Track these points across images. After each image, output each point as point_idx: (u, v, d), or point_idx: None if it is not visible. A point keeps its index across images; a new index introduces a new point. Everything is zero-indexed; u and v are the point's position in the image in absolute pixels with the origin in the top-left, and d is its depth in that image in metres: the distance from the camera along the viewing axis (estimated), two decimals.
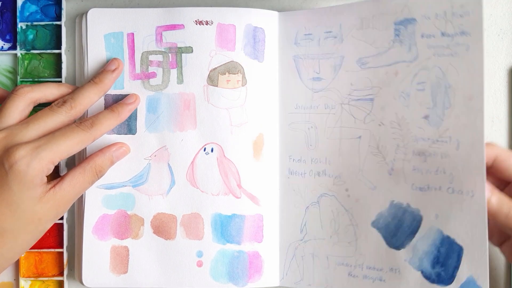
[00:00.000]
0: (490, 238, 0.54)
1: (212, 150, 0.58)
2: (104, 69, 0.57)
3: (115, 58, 0.57)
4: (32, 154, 0.48)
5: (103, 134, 0.54)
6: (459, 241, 0.50)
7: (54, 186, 0.51)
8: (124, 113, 0.56)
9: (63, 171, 0.59)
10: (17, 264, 0.60)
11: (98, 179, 0.54)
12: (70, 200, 0.52)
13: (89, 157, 0.54)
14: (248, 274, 0.58)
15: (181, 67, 0.58)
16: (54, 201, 0.50)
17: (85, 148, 0.56)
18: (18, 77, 0.59)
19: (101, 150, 0.55)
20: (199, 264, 0.58)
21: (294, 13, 0.58)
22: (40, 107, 0.53)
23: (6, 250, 0.50)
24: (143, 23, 0.58)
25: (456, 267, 0.50)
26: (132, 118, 0.57)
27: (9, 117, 0.51)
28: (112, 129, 0.56)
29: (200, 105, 0.58)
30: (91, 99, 0.54)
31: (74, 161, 0.59)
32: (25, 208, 0.49)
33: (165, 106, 0.58)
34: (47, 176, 0.50)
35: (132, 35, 0.58)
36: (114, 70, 0.56)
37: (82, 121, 0.52)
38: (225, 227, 0.58)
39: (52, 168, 0.50)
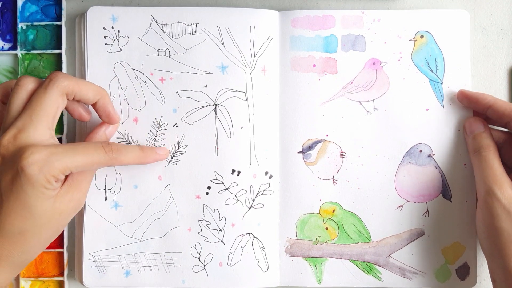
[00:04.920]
0: None
1: None
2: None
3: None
4: (46, 160, 0.47)
5: (122, 164, 0.53)
6: None
7: (66, 179, 0.51)
8: (150, 156, 0.56)
9: None
10: None
11: None
12: (86, 188, 0.52)
13: (87, 140, 0.55)
14: None
15: None
16: (71, 193, 0.50)
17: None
18: None
19: (94, 130, 0.56)
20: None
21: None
22: None
23: (30, 247, 0.49)
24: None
25: None
26: None
27: (40, 110, 0.49)
28: (132, 164, 0.56)
29: None
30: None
31: None
32: (43, 210, 0.48)
33: None
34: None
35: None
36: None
37: (107, 142, 0.52)
38: None
39: (63, 177, 0.49)
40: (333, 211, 0.59)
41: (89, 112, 0.55)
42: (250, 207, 0.59)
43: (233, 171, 0.58)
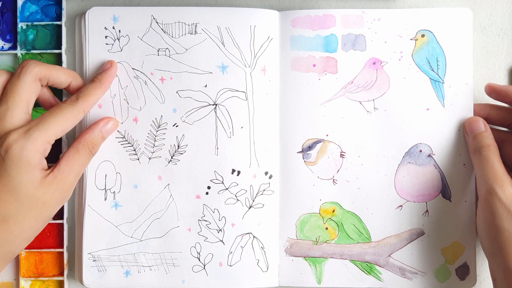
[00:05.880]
0: None
1: None
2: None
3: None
4: (25, 136, 0.49)
5: (92, 105, 0.54)
6: None
7: (52, 169, 0.51)
8: (105, 80, 0.56)
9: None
10: (17, 264, 0.60)
11: (93, 155, 0.55)
12: (72, 182, 0.52)
13: (80, 136, 0.54)
14: None
15: None
16: (55, 184, 0.50)
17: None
18: None
19: (90, 127, 0.55)
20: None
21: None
22: None
23: (13, 237, 0.50)
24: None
25: None
26: None
27: (16, 96, 0.51)
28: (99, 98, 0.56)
29: None
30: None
31: None
32: (27, 193, 0.49)
33: None
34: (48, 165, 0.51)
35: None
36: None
37: (68, 97, 0.53)
38: None
39: (48, 148, 0.50)
40: (333, 211, 0.59)
41: (58, 102, 0.57)
42: (250, 207, 0.59)
43: (233, 171, 0.58)
